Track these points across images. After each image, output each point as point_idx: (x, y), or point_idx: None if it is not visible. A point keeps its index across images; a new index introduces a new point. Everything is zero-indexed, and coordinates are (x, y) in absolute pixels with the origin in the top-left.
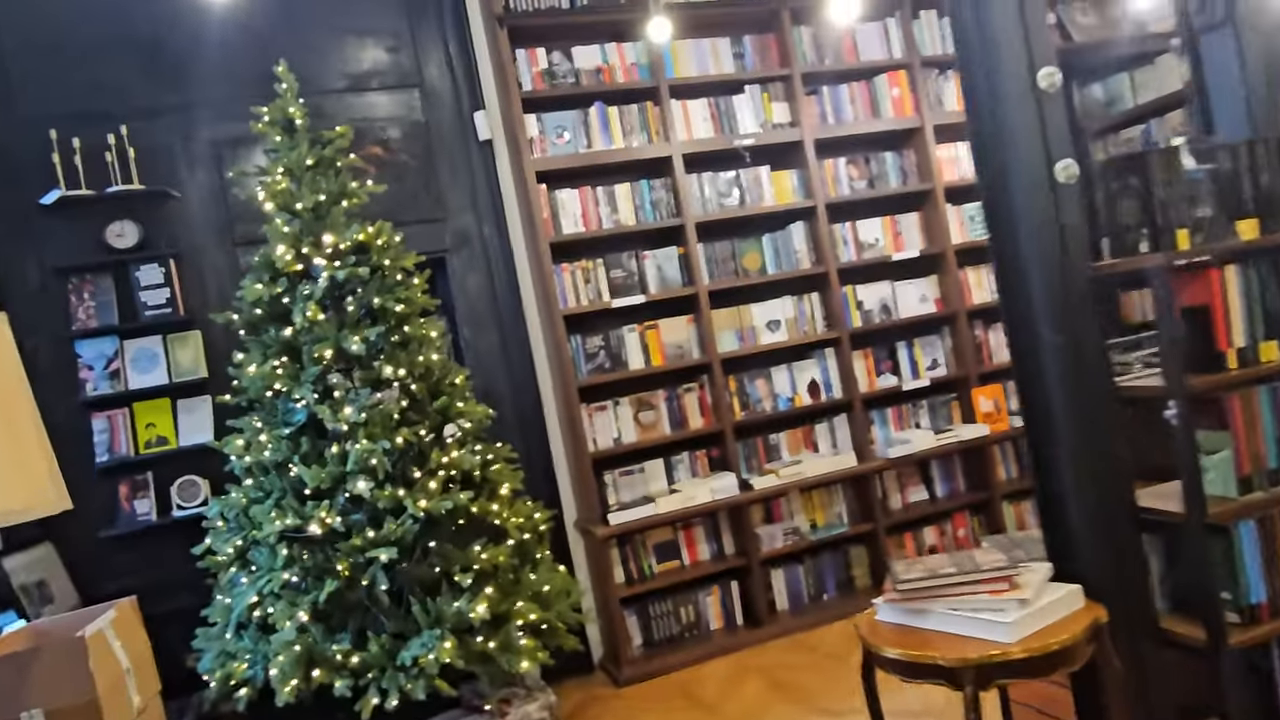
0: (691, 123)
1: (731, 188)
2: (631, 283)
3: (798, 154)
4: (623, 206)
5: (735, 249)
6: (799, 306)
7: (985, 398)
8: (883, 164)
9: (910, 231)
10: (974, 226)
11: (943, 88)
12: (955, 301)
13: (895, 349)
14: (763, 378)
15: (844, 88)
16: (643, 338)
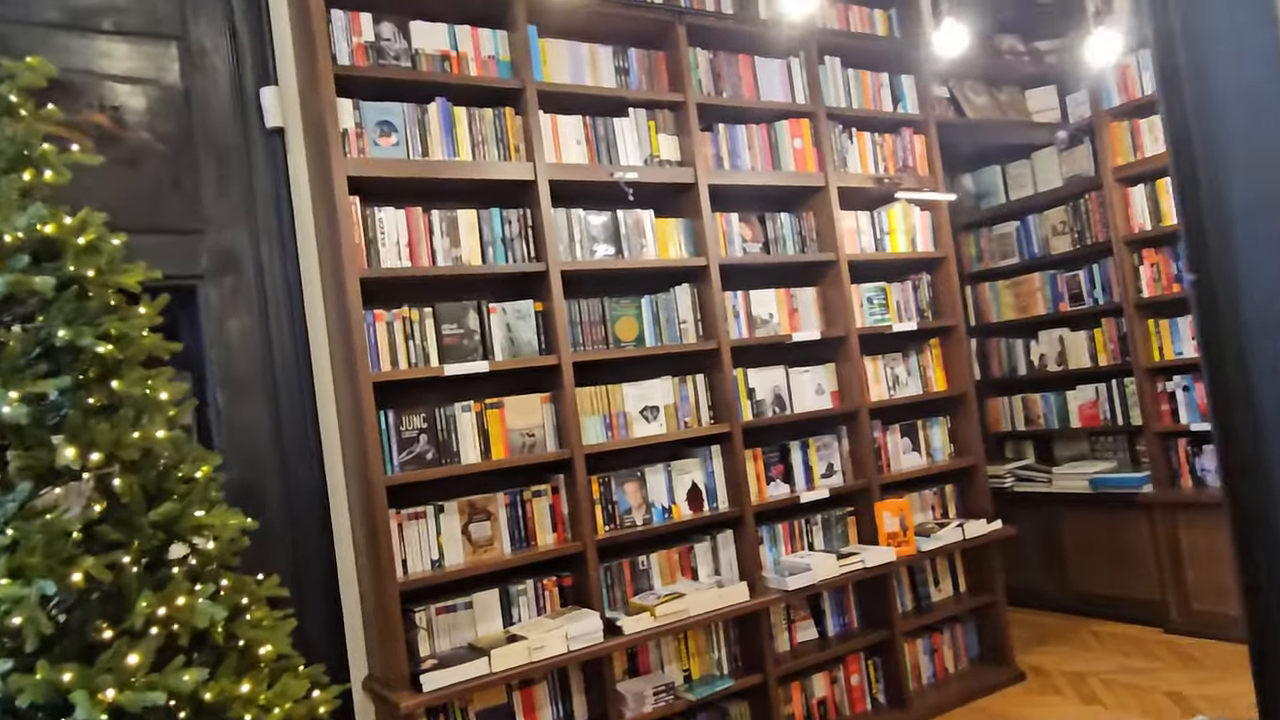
0: (562, 143)
1: (607, 232)
2: (471, 344)
3: (688, 200)
4: (466, 240)
5: (607, 311)
6: (681, 390)
7: (890, 514)
8: (779, 225)
9: (807, 309)
10: (872, 309)
11: (847, 148)
12: (855, 396)
13: (788, 450)
14: (634, 481)
15: (741, 129)
16: (481, 420)
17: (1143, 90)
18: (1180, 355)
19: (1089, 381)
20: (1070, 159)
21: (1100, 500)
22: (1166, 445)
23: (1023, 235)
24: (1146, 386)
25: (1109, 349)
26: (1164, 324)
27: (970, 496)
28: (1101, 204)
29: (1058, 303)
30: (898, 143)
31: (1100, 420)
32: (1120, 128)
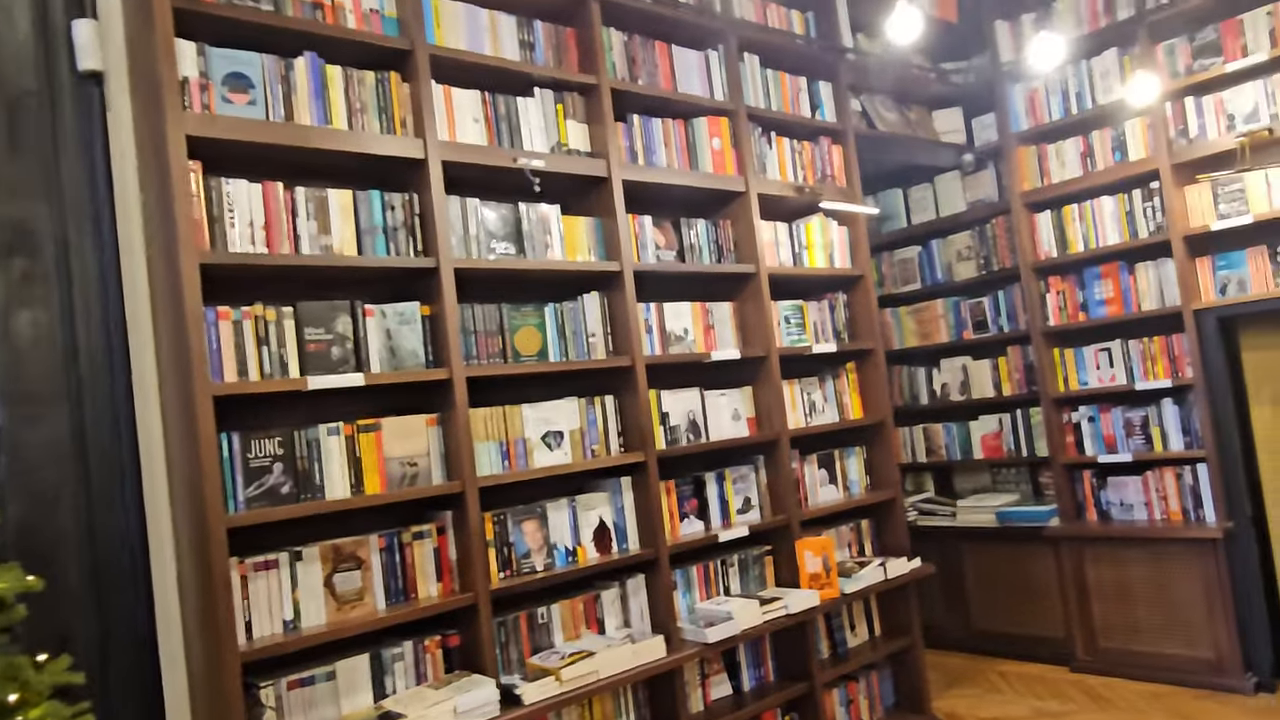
0: (457, 120)
1: (508, 227)
2: (341, 353)
3: (599, 196)
4: (338, 226)
5: (506, 319)
6: (589, 413)
7: (811, 554)
8: (695, 232)
9: (724, 326)
10: (790, 329)
11: (766, 153)
12: (774, 423)
13: (703, 483)
14: (534, 519)
15: (658, 123)
16: (352, 446)
17: (1050, 115)
18: (1086, 385)
19: (992, 411)
20: (974, 184)
21: (1005, 534)
22: (1072, 477)
23: (925, 260)
24: (1054, 417)
25: (1014, 378)
26: (1069, 353)
27: (888, 533)
28: (1008, 229)
29: (961, 330)
30: (816, 152)
31: (1003, 451)
32: (1028, 152)
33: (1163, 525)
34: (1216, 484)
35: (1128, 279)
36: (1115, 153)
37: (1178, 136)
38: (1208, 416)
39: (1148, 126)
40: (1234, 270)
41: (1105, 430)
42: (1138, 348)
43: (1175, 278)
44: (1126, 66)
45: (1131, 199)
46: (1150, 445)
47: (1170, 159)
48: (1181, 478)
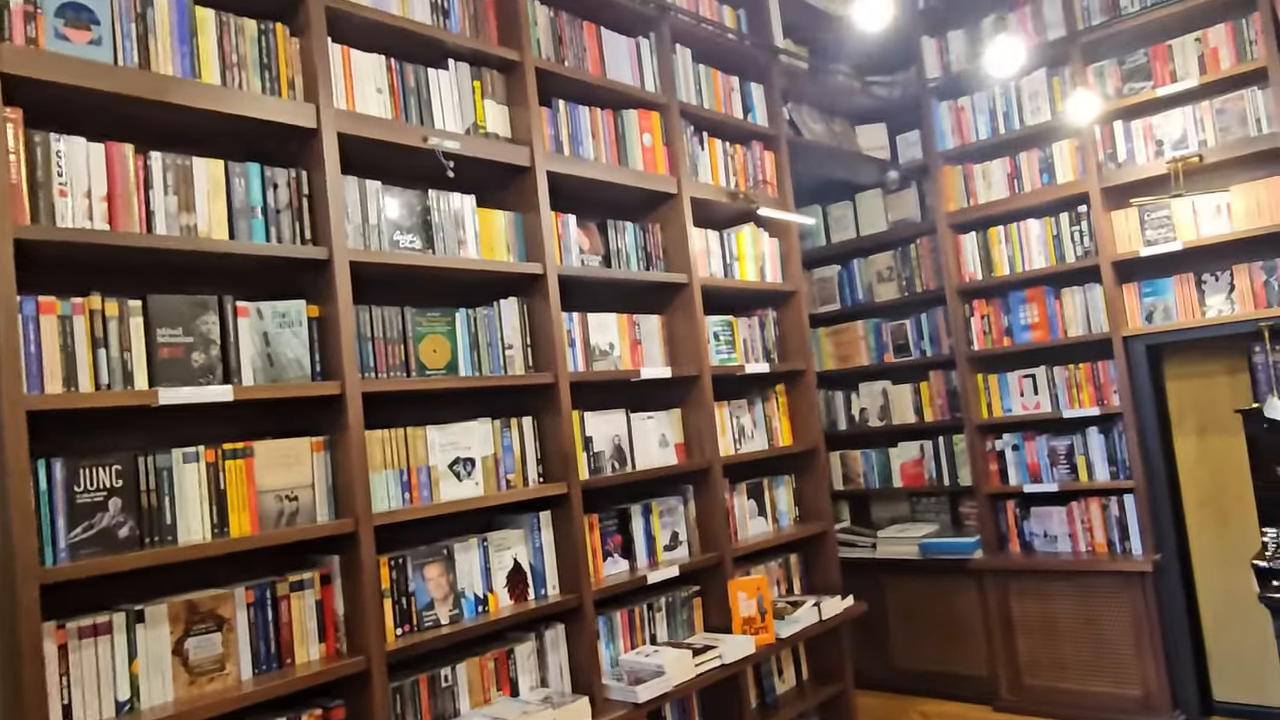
0: (357, 87)
1: (414, 217)
2: (205, 360)
3: (521, 188)
4: (206, 204)
5: (410, 326)
6: (504, 437)
7: (745, 594)
8: (622, 236)
9: (651, 340)
10: (719, 347)
11: (698, 154)
12: (706, 449)
13: (628, 516)
14: (438, 561)
15: (585, 112)
16: (216, 476)
17: (977, 134)
18: (1010, 412)
19: (913, 438)
20: (897, 202)
21: (928, 567)
22: (995, 508)
23: (845, 280)
24: (977, 445)
25: (936, 404)
26: (993, 379)
27: (818, 569)
28: (933, 250)
29: (882, 353)
30: (748, 156)
31: (924, 480)
32: (954, 172)
33: (1088, 557)
34: (1144, 515)
35: (1054, 304)
36: (1043, 175)
37: (1106, 160)
38: (1136, 446)
39: (1076, 149)
40: (1159, 297)
41: (1029, 459)
42: (1063, 374)
43: (1102, 304)
44: (1056, 88)
45: (1059, 222)
46: (1075, 475)
47: (1100, 183)
48: (1107, 509)
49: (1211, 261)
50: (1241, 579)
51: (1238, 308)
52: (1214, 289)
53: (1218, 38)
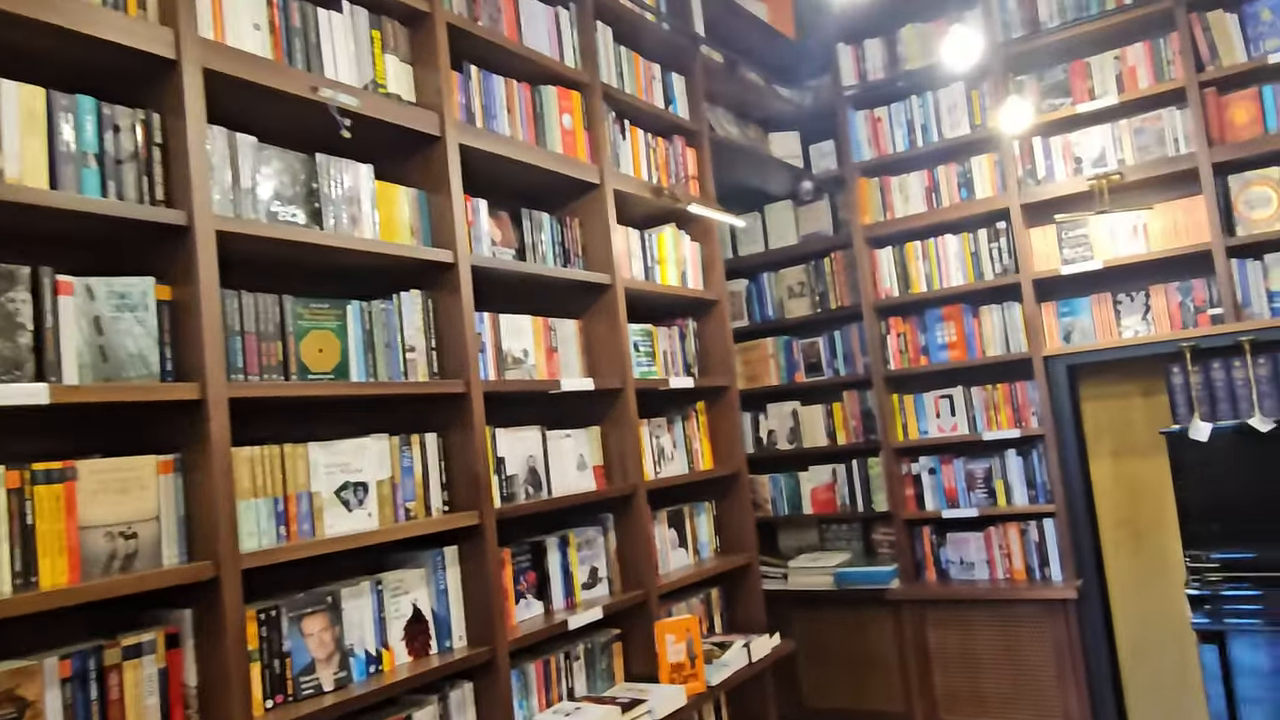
0: (229, 18)
1: (297, 184)
2: (12, 350)
3: (428, 161)
4: (18, 141)
5: (290, 318)
6: (404, 457)
7: (674, 637)
8: (538, 229)
9: (569, 348)
10: (639, 358)
11: (619, 143)
12: (629, 473)
13: (543, 550)
14: (320, 612)
15: (500, 82)
16: (21, 505)
17: (894, 146)
18: (926, 435)
19: (824, 462)
20: (809, 215)
21: (842, 598)
22: (911, 534)
23: (754, 295)
24: (894, 469)
25: (850, 425)
26: (909, 400)
27: (742, 605)
28: (847, 265)
29: (793, 372)
30: (670, 151)
31: (836, 506)
32: (870, 185)
33: (1006, 585)
34: (1065, 541)
35: (972, 323)
36: (962, 190)
37: (1026, 177)
38: (1057, 469)
39: (995, 164)
40: (1076, 317)
41: (947, 483)
42: (981, 395)
43: (1021, 323)
44: (975, 101)
45: (977, 239)
46: (994, 499)
47: (1020, 199)
48: (1026, 534)
49: (1128, 282)
50: (1158, 605)
51: (1154, 329)
52: (1130, 309)
53: (1136, 57)
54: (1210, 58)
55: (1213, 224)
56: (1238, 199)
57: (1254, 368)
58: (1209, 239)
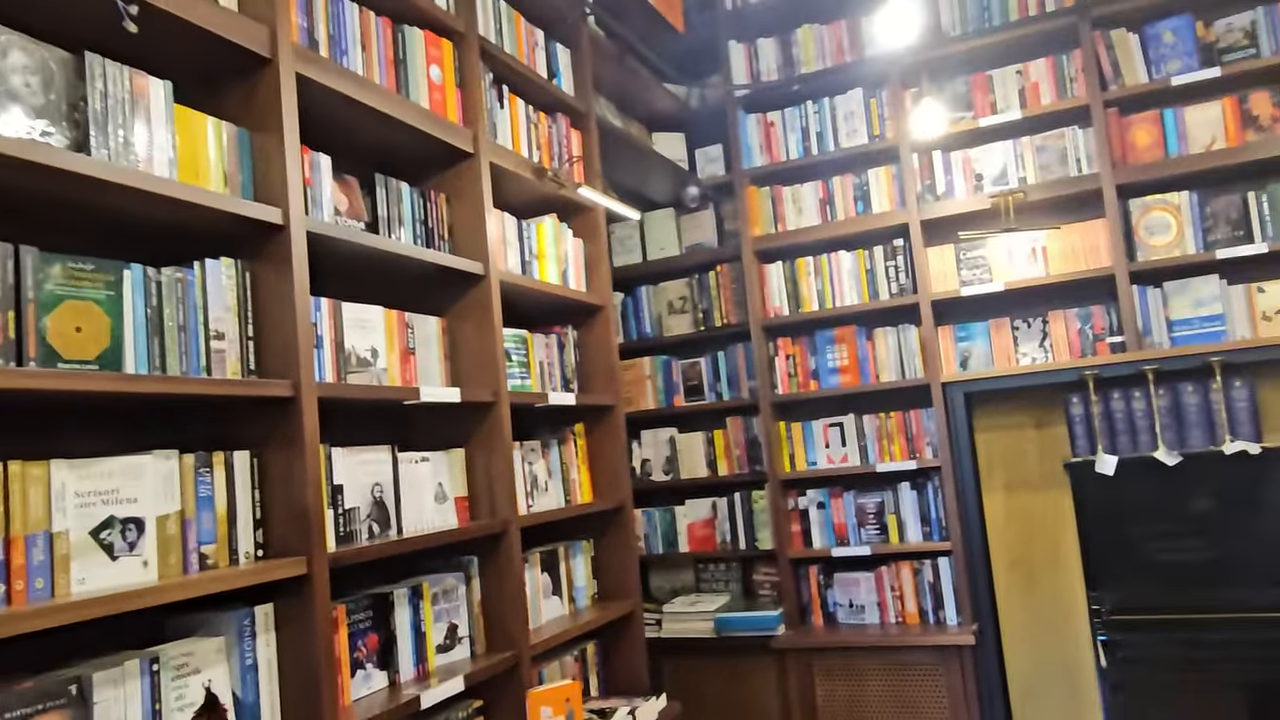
0: None
1: (55, 91)
2: None
3: (252, 92)
4: None
5: (30, 277)
6: (200, 483)
7: (551, 710)
8: (396, 199)
9: (429, 350)
10: (510, 368)
11: (497, 110)
12: (500, 505)
13: (389, 605)
14: (59, 709)
15: (354, 9)
16: None
17: (788, 154)
18: (815, 466)
19: (704, 495)
20: (693, 224)
21: (722, 647)
22: (797, 575)
23: (631, 310)
24: (780, 503)
25: (733, 455)
26: (797, 428)
27: (622, 662)
28: (734, 280)
29: (671, 395)
30: (554, 131)
31: (715, 544)
32: (760, 194)
33: (898, 629)
34: (961, 581)
35: (865, 345)
36: (858, 203)
37: (925, 192)
38: (955, 504)
39: (894, 178)
40: (973, 342)
41: (836, 518)
42: (873, 424)
43: (917, 346)
44: (873, 109)
45: (873, 256)
46: (886, 536)
47: (919, 215)
48: (920, 574)
49: (1026, 307)
50: (1052, 648)
51: (1051, 356)
52: (1027, 336)
53: (1038, 72)
54: (1113, 77)
55: (1116, 248)
56: (1138, 224)
57: (1155, 399)
58: (1108, 263)
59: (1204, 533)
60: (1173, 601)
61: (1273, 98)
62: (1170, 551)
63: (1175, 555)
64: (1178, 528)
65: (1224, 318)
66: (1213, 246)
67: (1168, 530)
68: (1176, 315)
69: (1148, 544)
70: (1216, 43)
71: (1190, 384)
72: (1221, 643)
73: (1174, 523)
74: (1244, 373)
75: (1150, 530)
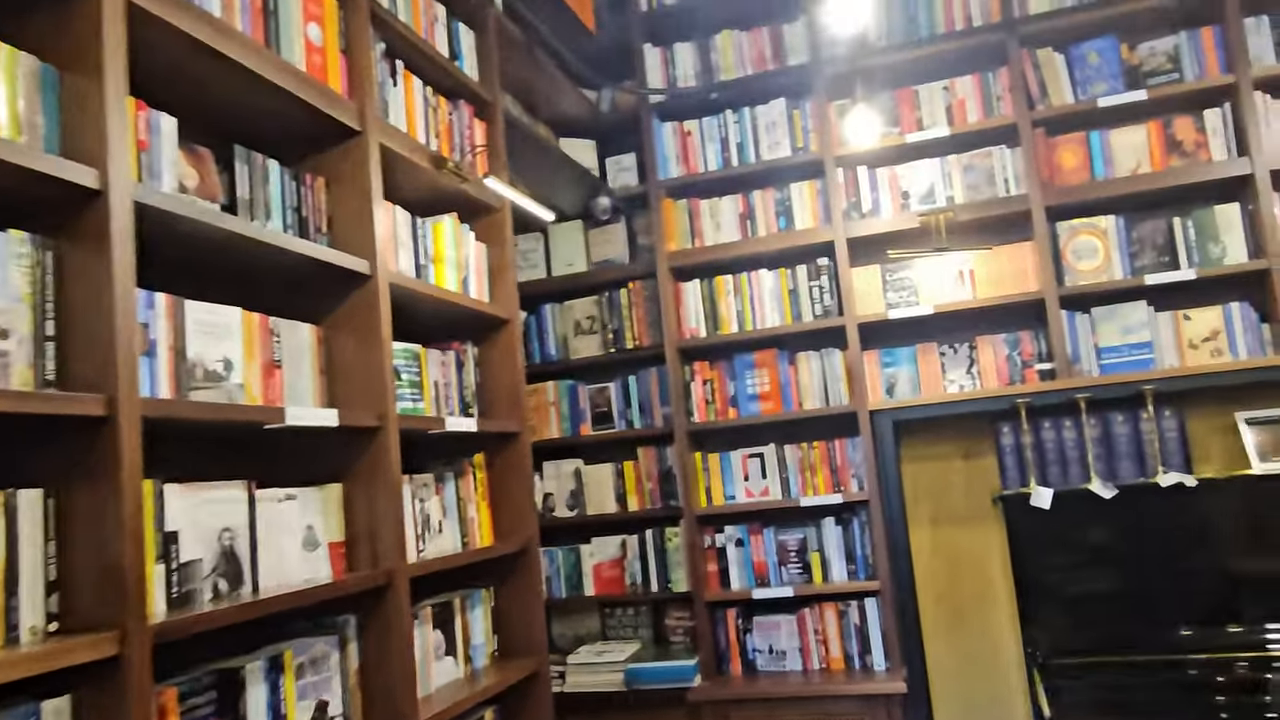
0: None
1: None
2: None
3: (62, 17)
4: None
5: None
6: None
7: None
8: (262, 179)
9: (300, 364)
10: (400, 387)
11: (389, 86)
12: (385, 552)
13: (237, 683)
14: None
15: None
16: None
17: (706, 165)
18: (733, 500)
19: (613, 532)
20: (602, 239)
21: (633, 701)
22: (714, 619)
23: (534, 330)
24: (697, 540)
25: (645, 489)
26: (714, 459)
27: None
28: (648, 299)
29: (578, 423)
30: (455, 119)
31: (624, 586)
32: (676, 208)
33: (822, 676)
34: (890, 623)
35: (788, 370)
36: (780, 219)
37: (850, 209)
38: (884, 540)
39: (818, 193)
40: (900, 368)
41: (756, 557)
42: (796, 454)
43: (842, 372)
44: (796, 121)
45: (796, 275)
46: (809, 576)
47: (844, 233)
48: (845, 616)
49: (953, 332)
50: (980, 690)
51: (979, 383)
52: (954, 362)
53: (965, 89)
54: (1040, 96)
55: (1046, 272)
56: (1066, 247)
57: (1087, 428)
58: (1036, 287)
59: (1141, 568)
60: (1111, 641)
61: (1195, 123)
62: (1107, 588)
63: (1112, 592)
64: (1114, 563)
65: (1152, 345)
66: (1140, 272)
67: (1104, 566)
68: (1105, 342)
69: (1083, 581)
70: (1141, 66)
71: (1120, 414)
72: (1163, 684)
73: (1110, 558)
74: (1173, 402)
75: (1086, 566)
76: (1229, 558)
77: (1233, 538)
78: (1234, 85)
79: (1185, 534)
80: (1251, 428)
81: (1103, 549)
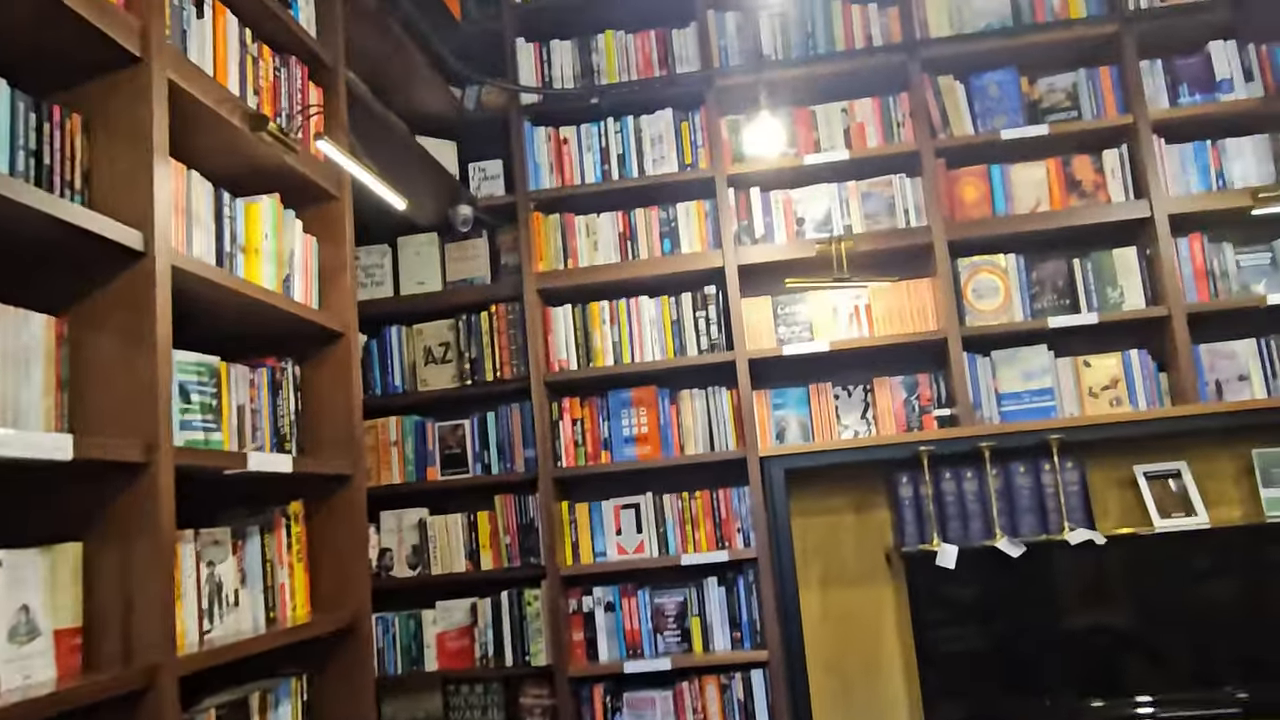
0: None
1: None
2: None
3: None
4: None
5: None
6: None
7: None
8: None
9: (26, 373)
10: (189, 411)
11: (191, 20)
12: (141, 642)
13: None
14: None
15: None
16: None
17: (583, 177)
18: (604, 558)
19: (462, 594)
20: (460, 255)
21: None
22: (579, 696)
23: (376, 356)
24: (561, 604)
25: (502, 544)
26: (583, 509)
27: None
28: (511, 325)
29: (424, 467)
30: (283, 78)
31: (474, 659)
32: (548, 222)
33: None
34: (779, 698)
35: (669, 410)
36: (665, 240)
37: (741, 233)
38: (772, 604)
39: (706, 215)
40: (790, 410)
41: (628, 624)
42: (676, 505)
43: (729, 413)
44: (685, 135)
45: (680, 304)
46: (688, 644)
47: (736, 258)
48: (728, 690)
49: (848, 373)
50: None
51: (875, 429)
52: (849, 406)
53: (864, 112)
54: (941, 125)
55: (948, 311)
56: (966, 285)
57: (990, 480)
58: (936, 326)
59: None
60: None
61: (1094, 163)
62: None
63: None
64: (1023, 627)
65: (1054, 392)
66: (1040, 315)
67: (1013, 630)
68: (1006, 388)
69: (992, 647)
70: (1040, 101)
71: (1022, 464)
72: None
73: (1018, 621)
74: (1074, 453)
75: (993, 631)
76: (1143, 621)
77: (1142, 599)
78: (1132, 126)
79: (1096, 595)
80: (1151, 482)
81: (1011, 611)
